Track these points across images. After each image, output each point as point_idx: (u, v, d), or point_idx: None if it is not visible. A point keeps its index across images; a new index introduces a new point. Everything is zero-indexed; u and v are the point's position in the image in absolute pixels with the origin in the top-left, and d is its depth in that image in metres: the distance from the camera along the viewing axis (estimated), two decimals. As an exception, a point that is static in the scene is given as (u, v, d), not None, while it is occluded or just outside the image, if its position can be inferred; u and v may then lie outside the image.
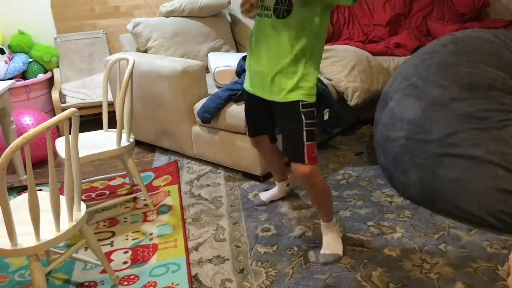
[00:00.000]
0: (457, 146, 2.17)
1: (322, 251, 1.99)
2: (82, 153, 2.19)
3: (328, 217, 2.02)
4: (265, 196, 2.47)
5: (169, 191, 2.67)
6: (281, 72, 1.77)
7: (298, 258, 2.01)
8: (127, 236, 2.27)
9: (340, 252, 1.99)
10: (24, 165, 2.78)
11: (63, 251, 1.93)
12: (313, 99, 1.81)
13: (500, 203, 2.05)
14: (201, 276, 1.94)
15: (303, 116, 1.80)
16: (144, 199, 2.51)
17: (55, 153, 2.10)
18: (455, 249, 2.00)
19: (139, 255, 2.11)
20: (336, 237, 2.03)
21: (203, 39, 3.51)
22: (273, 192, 2.47)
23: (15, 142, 1.39)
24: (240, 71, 2.84)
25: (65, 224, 1.67)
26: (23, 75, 3.70)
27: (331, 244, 2.01)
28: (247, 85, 2.00)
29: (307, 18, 1.70)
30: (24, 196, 1.73)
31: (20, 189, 2.80)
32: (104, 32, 4.04)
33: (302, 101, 1.78)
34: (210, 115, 2.67)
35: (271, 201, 2.46)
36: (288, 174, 2.44)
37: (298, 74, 1.76)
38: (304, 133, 1.81)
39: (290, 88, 1.77)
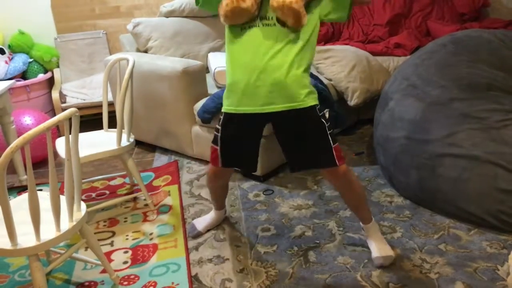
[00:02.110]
0: (457, 146, 2.17)
1: (375, 255, 1.93)
2: (82, 153, 2.18)
3: (369, 217, 1.99)
4: (201, 225, 2.24)
5: (169, 191, 2.67)
6: (295, 79, 1.70)
7: (298, 258, 2.01)
8: (127, 236, 2.27)
9: (393, 253, 1.94)
10: (24, 165, 2.78)
11: (63, 251, 1.93)
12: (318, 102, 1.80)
13: (500, 203, 2.05)
14: (201, 276, 1.94)
15: (323, 120, 1.77)
16: (144, 199, 2.51)
17: (55, 153, 2.10)
18: (455, 249, 2.00)
19: (139, 255, 2.11)
20: (382, 238, 2.00)
21: (203, 39, 3.51)
22: (210, 220, 2.26)
23: (15, 142, 1.39)
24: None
25: (65, 224, 1.67)
26: (23, 75, 3.71)
27: (382, 246, 1.96)
28: (232, 105, 1.79)
29: (310, 22, 1.72)
30: (24, 196, 1.73)
31: (20, 189, 2.80)
32: (104, 32, 4.04)
33: (316, 105, 1.76)
34: (211, 115, 2.67)
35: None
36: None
37: (306, 80, 1.74)
38: (329, 137, 1.77)
39: (306, 92, 1.72)
